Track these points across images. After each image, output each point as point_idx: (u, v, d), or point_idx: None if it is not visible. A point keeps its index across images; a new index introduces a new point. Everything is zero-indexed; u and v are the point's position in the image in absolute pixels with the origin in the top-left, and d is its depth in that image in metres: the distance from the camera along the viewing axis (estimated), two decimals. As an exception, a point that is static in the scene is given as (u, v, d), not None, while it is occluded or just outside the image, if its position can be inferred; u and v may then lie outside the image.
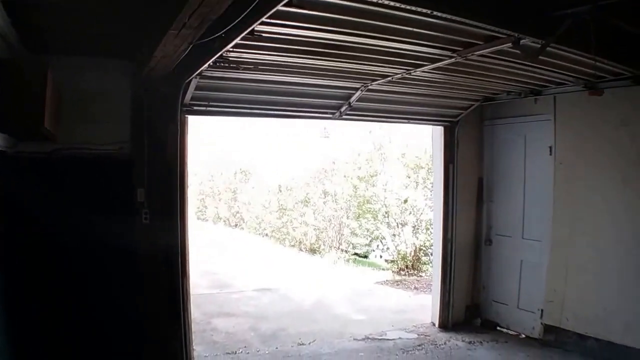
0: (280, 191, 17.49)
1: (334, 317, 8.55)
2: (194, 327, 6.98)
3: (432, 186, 12.27)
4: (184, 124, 5.63)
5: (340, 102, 6.50)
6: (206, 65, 4.47)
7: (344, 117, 6.70)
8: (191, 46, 3.81)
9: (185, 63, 4.38)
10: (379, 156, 13.53)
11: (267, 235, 18.12)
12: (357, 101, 6.37)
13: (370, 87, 5.97)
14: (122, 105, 5.28)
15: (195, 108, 5.78)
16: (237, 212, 21.47)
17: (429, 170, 12.28)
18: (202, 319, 7.92)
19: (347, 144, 14.40)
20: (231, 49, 4.20)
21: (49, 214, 4.84)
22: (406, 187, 12.80)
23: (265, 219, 18.25)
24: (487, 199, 7.80)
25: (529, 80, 6.07)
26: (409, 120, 7.30)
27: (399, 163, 13.07)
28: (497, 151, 7.63)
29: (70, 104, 4.96)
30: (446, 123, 7.47)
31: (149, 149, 5.33)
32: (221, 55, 4.31)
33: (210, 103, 5.86)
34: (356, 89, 6.13)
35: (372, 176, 13.52)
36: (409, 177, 12.65)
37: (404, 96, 6.54)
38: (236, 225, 21.75)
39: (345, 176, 14.66)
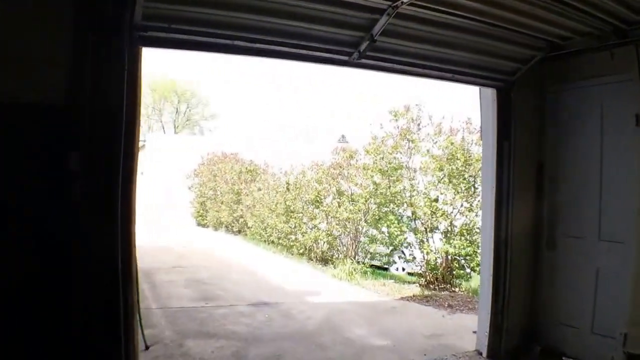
0: (289, 190, 15.81)
1: (347, 341, 6.97)
2: (158, 352, 5.63)
3: (468, 182, 10.78)
4: (136, 59, 4.18)
5: (358, 35, 4.87)
6: None
7: (363, 60, 5.03)
8: None
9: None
10: (406, 145, 11.87)
11: (272, 242, 16.58)
12: (382, 35, 4.75)
13: (400, 8, 4.40)
14: (58, 42, 3.95)
15: (150, 33, 4.23)
16: (240, 217, 19.95)
17: (466, 162, 10.64)
18: (173, 340, 6.39)
19: (369, 131, 12.65)
20: None
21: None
22: (438, 182, 11.14)
23: (270, 224, 16.70)
24: (549, 189, 6.25)
25: (618, 8, 4.63)
26: (452, 74, 5.64)
27: (429, 154, 11.45)
28: (564, 126, 6.13)
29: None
30: (500, 83, 5.93)
31: (88, 99, 3.96)
32: None
33: (172, 26, 4.25)
34: (381, 12, 4.53)
35: (396, 169, 11.84)
36: (442, 170, 10.97)
37: (446, 32, 5.01)
38: (239, 231, 20.26)
39: (364, 169, 12.99)
